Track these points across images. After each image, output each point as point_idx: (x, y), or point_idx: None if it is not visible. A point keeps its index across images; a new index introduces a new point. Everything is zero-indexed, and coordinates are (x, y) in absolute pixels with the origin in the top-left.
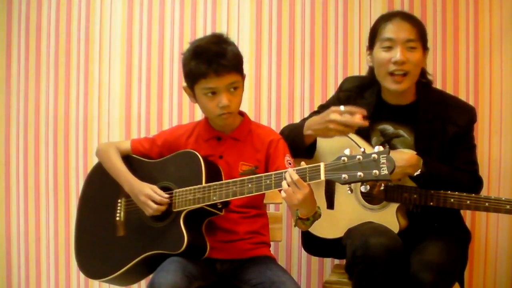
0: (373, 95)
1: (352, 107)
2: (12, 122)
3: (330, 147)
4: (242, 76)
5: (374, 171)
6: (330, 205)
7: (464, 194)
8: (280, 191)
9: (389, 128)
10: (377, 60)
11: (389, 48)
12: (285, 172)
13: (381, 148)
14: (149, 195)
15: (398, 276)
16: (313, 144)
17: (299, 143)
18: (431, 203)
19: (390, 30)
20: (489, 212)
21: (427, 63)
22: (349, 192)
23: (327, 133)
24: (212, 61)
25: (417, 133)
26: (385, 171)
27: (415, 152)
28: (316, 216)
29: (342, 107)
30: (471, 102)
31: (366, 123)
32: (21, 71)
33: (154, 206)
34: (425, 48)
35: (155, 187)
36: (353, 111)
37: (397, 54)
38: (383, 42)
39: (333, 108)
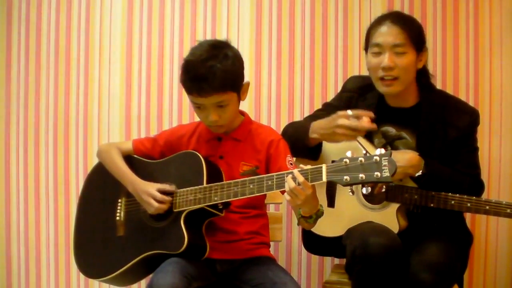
0: (375, 97)
1: (360, 111)
2: (12, 122)
3: (335, 149)
4: (236, 92)
5: (375, 173)
6: (331, 203)
7: (465, 196)
8: (282, 192)
9: (391, 130)
10: (368, 65)
11: (378, 54)
12: (288, 173)
13: (383, 151)
14: (152, 194)
15: (398, 276)
16: (318, 147)
17: (303, 144)
18: (432, 205)
19: (379, 35)
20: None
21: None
22: (351, 193)
23: (334, 138)
24: (194, 82)
25: (419, 136)
26: (386, 173)
27: (417, 153)
28: (319, 214)
29: (349, 112)
30: (471, 102)
31: (374, 126)
32: (21, 71)
33: (156, 204)
34: (419, 50)
35: (158, 185)
36: (360, 115)
37: (385, 59)
38: (373, 47)
39: (340, 112)
